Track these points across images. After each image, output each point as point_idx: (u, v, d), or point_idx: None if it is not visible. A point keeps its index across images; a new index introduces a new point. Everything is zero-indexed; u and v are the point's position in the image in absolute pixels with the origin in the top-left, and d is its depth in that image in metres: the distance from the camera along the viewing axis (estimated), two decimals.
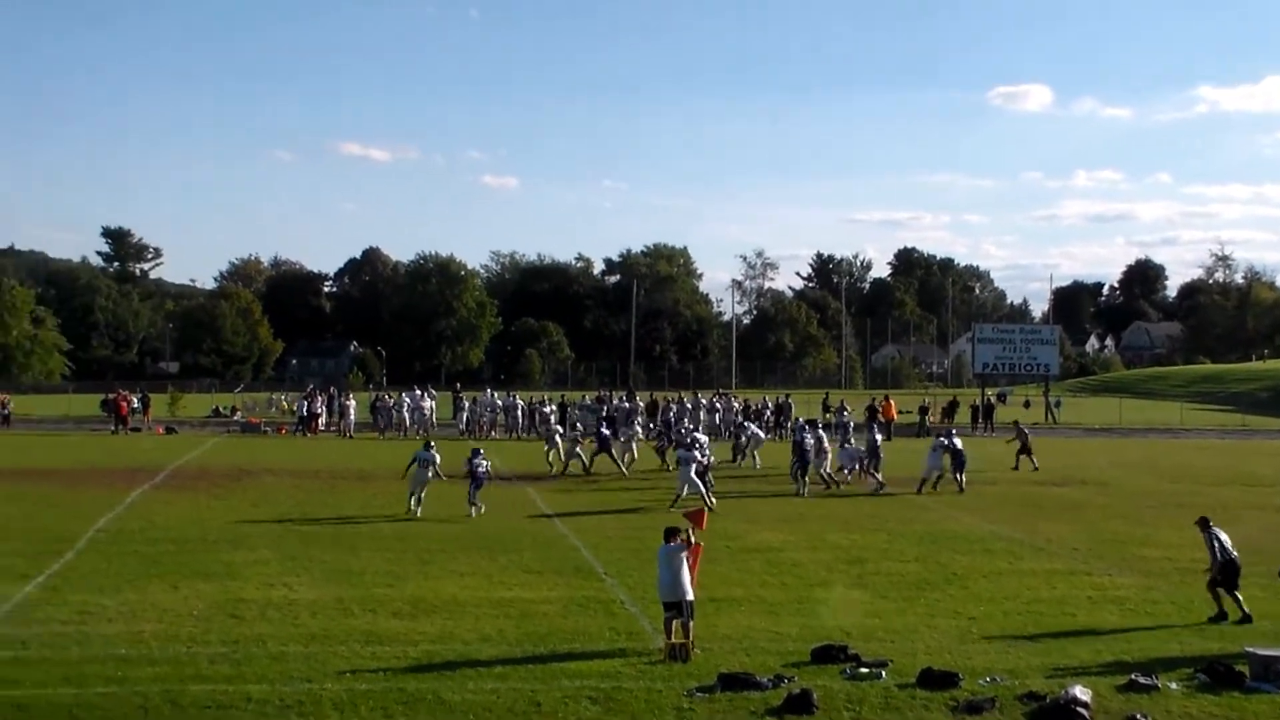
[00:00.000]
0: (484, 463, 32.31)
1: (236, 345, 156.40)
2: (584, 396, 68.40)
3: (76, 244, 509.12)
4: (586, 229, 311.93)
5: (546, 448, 43.10)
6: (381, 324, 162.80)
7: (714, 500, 32.37)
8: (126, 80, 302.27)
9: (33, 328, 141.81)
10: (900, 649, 17.97)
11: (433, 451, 32.60)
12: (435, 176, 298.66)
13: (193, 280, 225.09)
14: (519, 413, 60.06)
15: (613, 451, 41.89)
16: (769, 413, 59.79)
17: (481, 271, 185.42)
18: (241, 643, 17.87)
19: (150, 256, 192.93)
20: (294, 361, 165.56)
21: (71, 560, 24.42)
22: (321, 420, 61.70)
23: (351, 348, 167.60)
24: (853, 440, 42.25)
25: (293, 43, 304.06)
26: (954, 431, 41.63)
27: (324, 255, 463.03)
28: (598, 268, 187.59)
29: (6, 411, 65.58)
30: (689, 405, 60.10)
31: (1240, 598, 20.40)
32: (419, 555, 25.37)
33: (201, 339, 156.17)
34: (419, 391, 63.37)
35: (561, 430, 45.82)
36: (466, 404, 61.50)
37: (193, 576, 22.76)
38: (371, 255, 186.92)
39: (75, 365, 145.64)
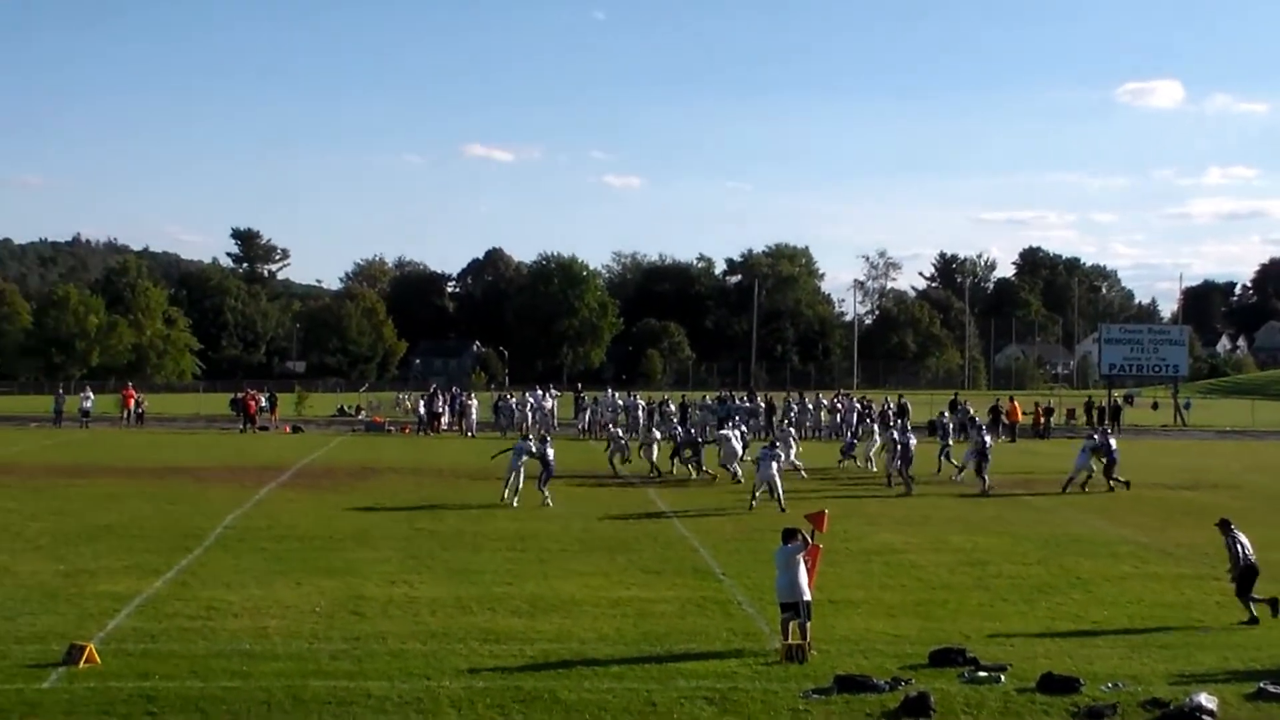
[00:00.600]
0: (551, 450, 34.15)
1: (361, 345, 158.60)
2: (704, 396, 68.39)
3: (207, 246, 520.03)
4: (708, 229, 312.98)
5: (640, 448, 42.70)
6: (504, 324, 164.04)
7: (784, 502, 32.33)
8: (257, 84, 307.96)
9: (165, 328, 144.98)
10: (1020, 653, 17.73)
11: (529, 442, 34.47)
12: (558, 177, 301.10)
13: (319, 281, 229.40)
14: (640, 413, 60.14)
15: (701, 455, 40.61)
16: (891, 414, 59.23)
17: (603, 271, 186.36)
18: (363, 640, 18.10)
19: (278, 258, 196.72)
20: (418, 361, 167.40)
21: (200, 556, 24.90)
22: (444, 419, 62.27)
23: (474, 347, 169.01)
24: (951, 441, 41.80)
25: (419, 47, 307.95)
26: (1107, 430, 41.32)
27: (447, 255, 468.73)
28: (719, 268, 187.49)
29: (140, 410, 67.05)
30: (809, 405, 59.90)
31: (1254, 600, 20.18)
32: (538, 554, 25.53)
33: (327, 339, 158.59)
34: (540, 391, 63.78)
35: (621, 433, 44.71)
36: (588, 404, 61.76)
37: (316, 573, 23.11)
38: (494, 255, 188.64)
39: (206, 365, 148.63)
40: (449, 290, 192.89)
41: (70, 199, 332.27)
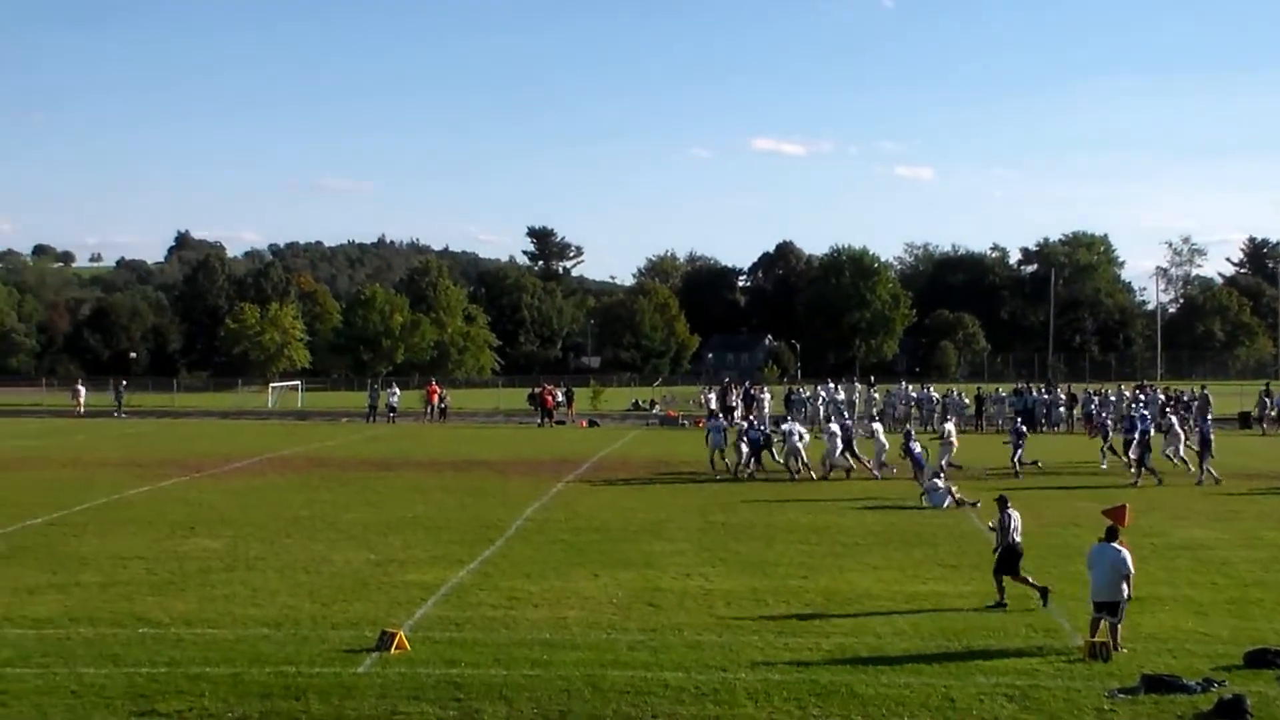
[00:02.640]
0: (757, 433, 39.07)
1: (654, 340, 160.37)
2: (998, 389, 67.07)
3: (504, 244, 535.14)
4: (1002, 218, 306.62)
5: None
6: (795, 317, 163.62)
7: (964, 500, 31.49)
8: (546, 84, 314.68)
9: (465, 325, 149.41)
10: None
11: (721, 420, 40.71)
12: (848, 168, 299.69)
13: (612, 277, 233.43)
14: (932, 405, 59.40)
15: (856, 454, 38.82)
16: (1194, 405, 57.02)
17: (895, 263, 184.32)
18: (659, 631, 18.29)
19: (572, 255, 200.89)
20: (710, 355, 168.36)
21: (501, 547, 25.57)
22: (737, 413, 62.41)
23: (766, 341, 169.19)
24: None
25: (709, 41, 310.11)
26: None
27: (738, 249, 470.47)
28: (1014, 257, 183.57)
29: (444, 405, 69.26)
30: (1111, 397, 58.17)
31: (1028, 584, 20.04)
32: (832, 548, 25.42)
33: (621, 334, 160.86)
34: (832, 384, 63.47)
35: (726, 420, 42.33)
36: (878, 396, 61.21)
37: (613, 565, 23.46)
38: (784, 249, 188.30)
39: (504, 360, 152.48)
40: (740, 284, 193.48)
41: (376, 203, 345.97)
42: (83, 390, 77.13)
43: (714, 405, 62.53)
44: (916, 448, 35.48)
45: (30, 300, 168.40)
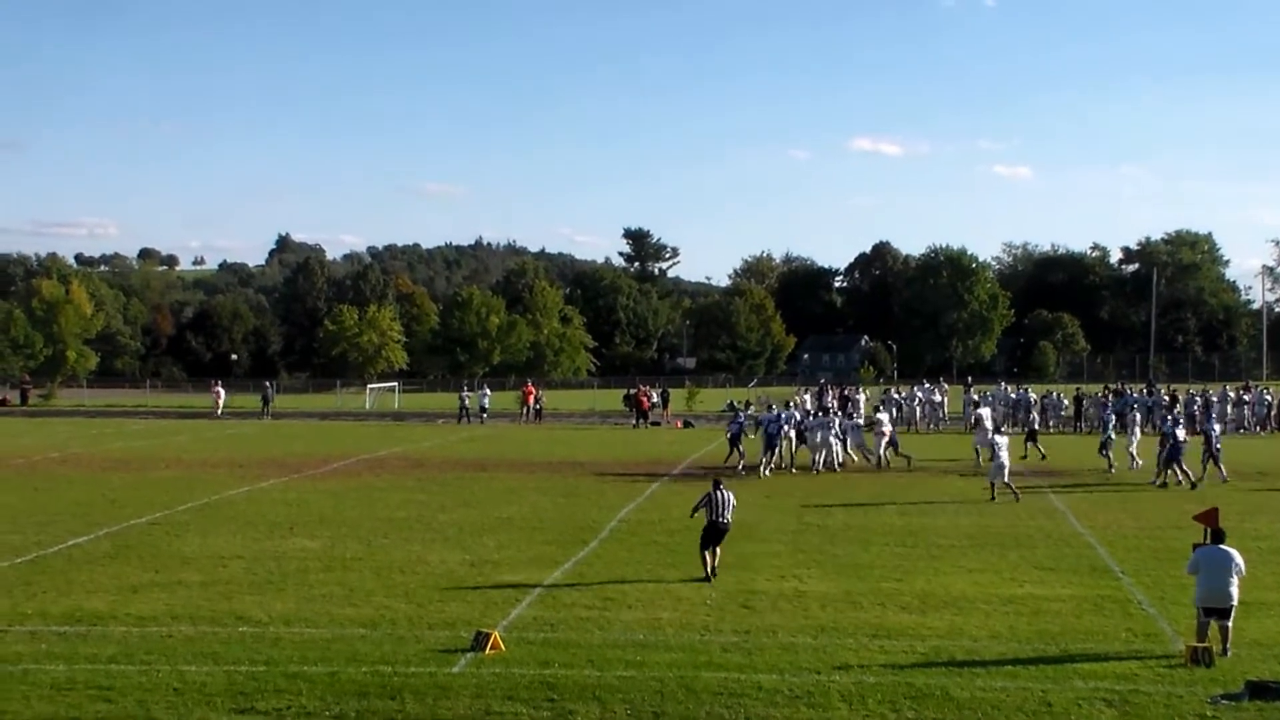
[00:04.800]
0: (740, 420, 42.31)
1: (750, 341, 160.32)
2: (1103, 388, 66.25)
3: (600, 246, 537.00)
4: (1102, 217, 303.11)
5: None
6: (892, 317, 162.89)
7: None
8: (643, 86, 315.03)
9: (561, 326, 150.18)
10: None
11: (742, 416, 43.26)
12: (946, 168, 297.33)
13: (708, 278, 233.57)
14: (1029, 406, 58.70)
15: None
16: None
17: (993, 263, 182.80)
18: (753, 632, 18.26)
19: (668, 256, 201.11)
20: (806, 356, 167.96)
21: (595, 548, 25.62)
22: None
23: (862, 342, 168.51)
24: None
25: (807, 42, 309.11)
26: None
27: (834, 250, 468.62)
28: (1114, 256, 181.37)
29: (539, 406, 69.56)
30: (1214, 398, 57.26)
31: (711, 559, 22.11)
32: (928, 550, 25.24)
33: (716, 335, 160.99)
34: (929, 385, 63.01)
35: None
36: (975, 397, 60.64)
37: None
38: (881, 249, 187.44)
39: (599, 361, 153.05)
40: (836, 285, 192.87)
41: (473, 205, 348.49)
42: (222, 392, 77.60)
43: (809, 406, 62.41)
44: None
45: (135, 303, 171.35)
